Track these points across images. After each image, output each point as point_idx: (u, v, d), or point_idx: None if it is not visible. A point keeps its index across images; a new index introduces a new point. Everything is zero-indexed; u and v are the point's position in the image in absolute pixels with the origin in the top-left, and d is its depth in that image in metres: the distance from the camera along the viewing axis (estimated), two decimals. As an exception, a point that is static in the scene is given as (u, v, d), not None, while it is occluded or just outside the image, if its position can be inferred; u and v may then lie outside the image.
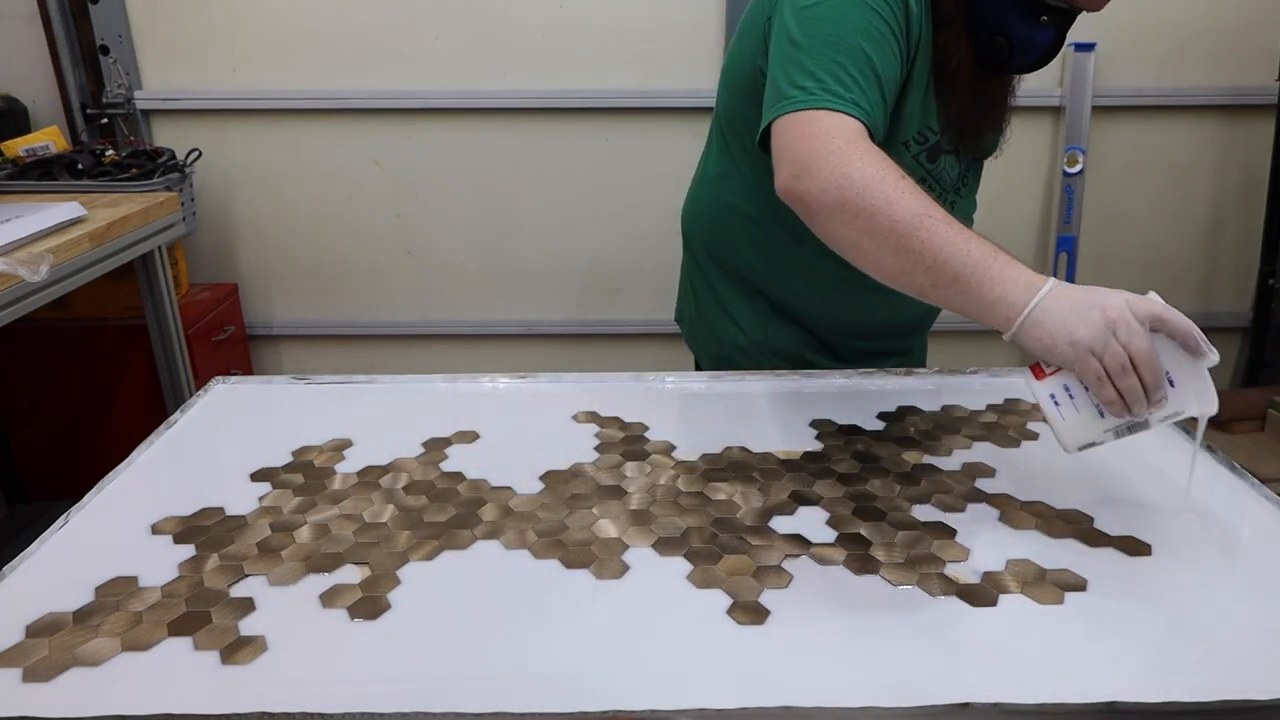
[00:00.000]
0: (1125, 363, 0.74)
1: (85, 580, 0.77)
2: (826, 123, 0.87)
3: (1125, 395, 0.75)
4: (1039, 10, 0.96)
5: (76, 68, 2.28)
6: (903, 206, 0.81)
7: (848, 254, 0.87)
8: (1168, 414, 0.78)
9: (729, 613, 0.73)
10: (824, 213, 0.86)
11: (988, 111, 1.07)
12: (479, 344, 2.55)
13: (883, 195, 0.81)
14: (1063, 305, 0.77)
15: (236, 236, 2.46)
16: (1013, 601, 0.74)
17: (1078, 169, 2.32)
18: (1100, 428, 0.80)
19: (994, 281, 0.79)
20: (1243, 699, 0.62)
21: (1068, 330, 0.76)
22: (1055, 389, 0.80)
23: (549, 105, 2.31)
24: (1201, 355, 0.76)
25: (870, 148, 0.85)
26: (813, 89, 0.88)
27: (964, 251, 0.80)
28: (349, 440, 1.02)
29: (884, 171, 0.83)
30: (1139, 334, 0.74)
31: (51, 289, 1.58)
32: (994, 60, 1.00)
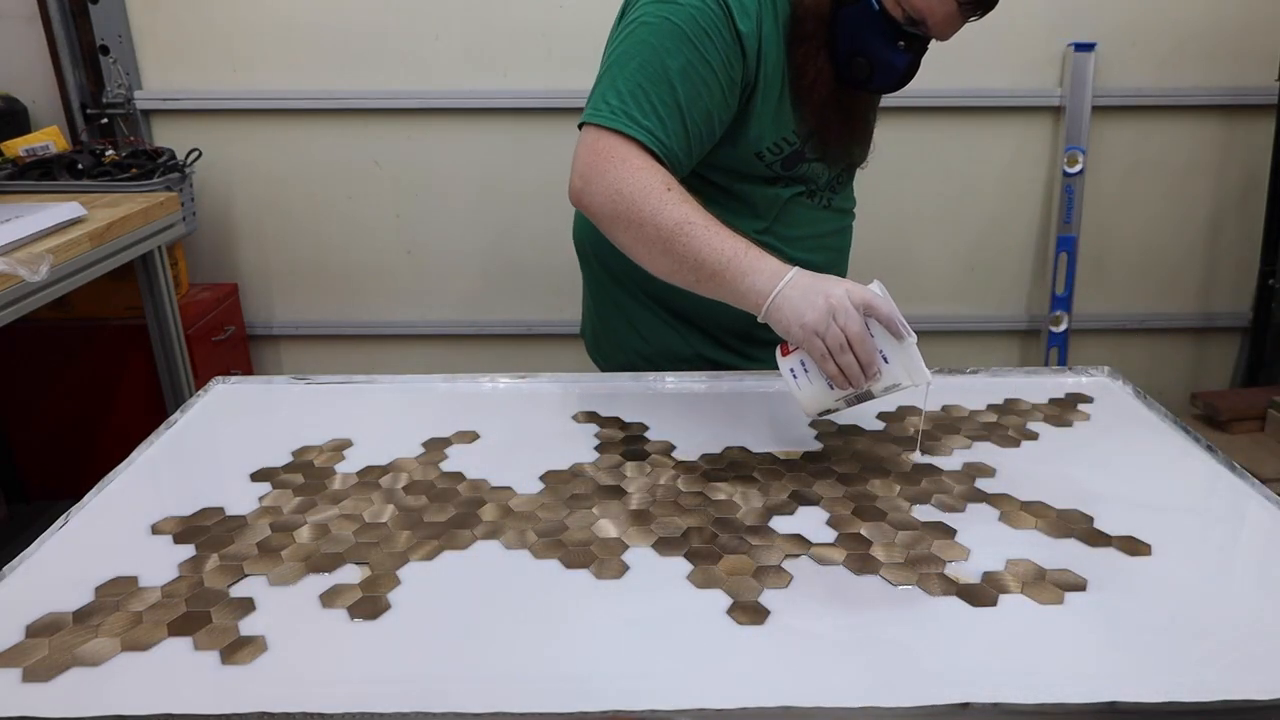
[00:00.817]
0: (843, 343, 0.86)
1: (85, 580, 0.77)
2: (613, 143, 0.97)
3: (845, 370, 0.87)
4: (897, 35, 1.02)
5: (76, 68, 2.28)
6: (666, 216, 0.93)
7: (629, 255, 0.99)
8: (886, 385, 0.89)
9: (729, 613, 0.73)
10: (603, 222, 0.99)
11: (851, 125, 1.13)
12: (479, 344, 2.55)
13: (649, 207, 0.94)
14: (796, 292, 0.88)
15: (236, 236, 2.46)
16: (1013, 601, 0.74)
17: (1078, 169, 2.32)
18: (832, 396, 0.91)
19: (744, 274, 0.91)
20: (1243, 699, 0.62)
21: (798, 314, 0.87)
22: (794, 364, 0.92)
23: (549, 105, 2.31)
24: (902, 337, 0.87)
25: (644, 166, 0.96)
26: (615, 108, 0.98)
27: (718, 250, 0.92)
28: (349, 440, 1.02)
29: (651, 186, 0.94)
30: (855, 319, 0.86)
31: (51, 289, 1.58)
32: (854, 79, 1.06)
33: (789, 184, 1.14)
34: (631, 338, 1.27)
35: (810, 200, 1.17)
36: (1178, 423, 1.05)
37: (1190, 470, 0.96)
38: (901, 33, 1.01)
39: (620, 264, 1.22)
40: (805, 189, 1.16)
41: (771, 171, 1.12)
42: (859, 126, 1.16)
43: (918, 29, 1.01)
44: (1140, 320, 2.51)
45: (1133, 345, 2.55)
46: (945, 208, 2.39)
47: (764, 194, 1.14)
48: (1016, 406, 1.11)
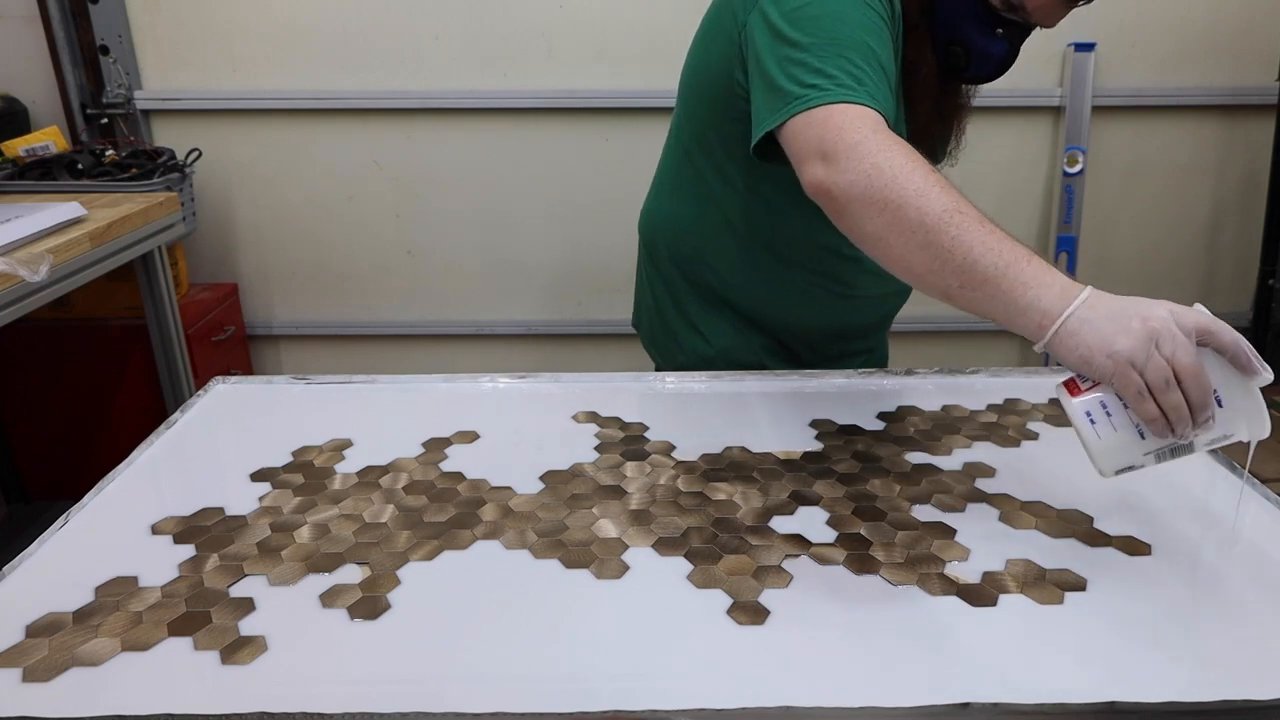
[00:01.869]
0: (1169, 377, 0.68)
1: (85, 580, 0.77)
2: (851, 114, 0.83)
3: (1168, 413, 0.69)
4: (994, 23, 0.97)
5: (76, 68, 2.28)
6: (933, 200, 0.77)
7: (875, 250, 0.83)
8: (1215, 436, 0.72)
9: (729, 613, 0.73)
10: (852, 205, 0.81)
11: (950, 120, 1.09)
12: (479, 344, 2.55)
13: (913, 187, 0.77)
14: (1100, 314, 0.71)
15: (236, 236, 2.46)
16: (1013, 601, 0.74)
17: (1078, 169, 2.32)
18: (1140, 450, 0.73)
19: (1027, 285, 0.74)
20: (1243, 699, 0.62)
21: (1106, 341, 0.70)
22: (1092, 406, 0.73)
23: (549, 105, 2.31)
24: (1253, 373, 0.69)
25: (898, 139, 0.82)
26: (826, 85, 0.85)
27: (995, 252, 0.75)
28: (349, 440, 1.02)
29: (914, 163, 0.79)
30: (1184, 346, 0.68)
31: (51, 289, 1.58)
32: (952, 69, 1.02)
33: None
34: (693, 338, 1.22)
35: None
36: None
37: (1190, 470, 0.96)
38: (999, 19, 0.97)
39: (695, 264, 1.18)
40: None
41: None
42: (954, 123, 1.10)
43: (1016, 15, 0.96)
44: (1140, 320, 2.51)
45: (1133, 345, 2.55)
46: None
47: None
48: (1016, 406, 1.10)
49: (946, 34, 0.99)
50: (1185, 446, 0.73)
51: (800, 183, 0.86)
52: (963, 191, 0.80)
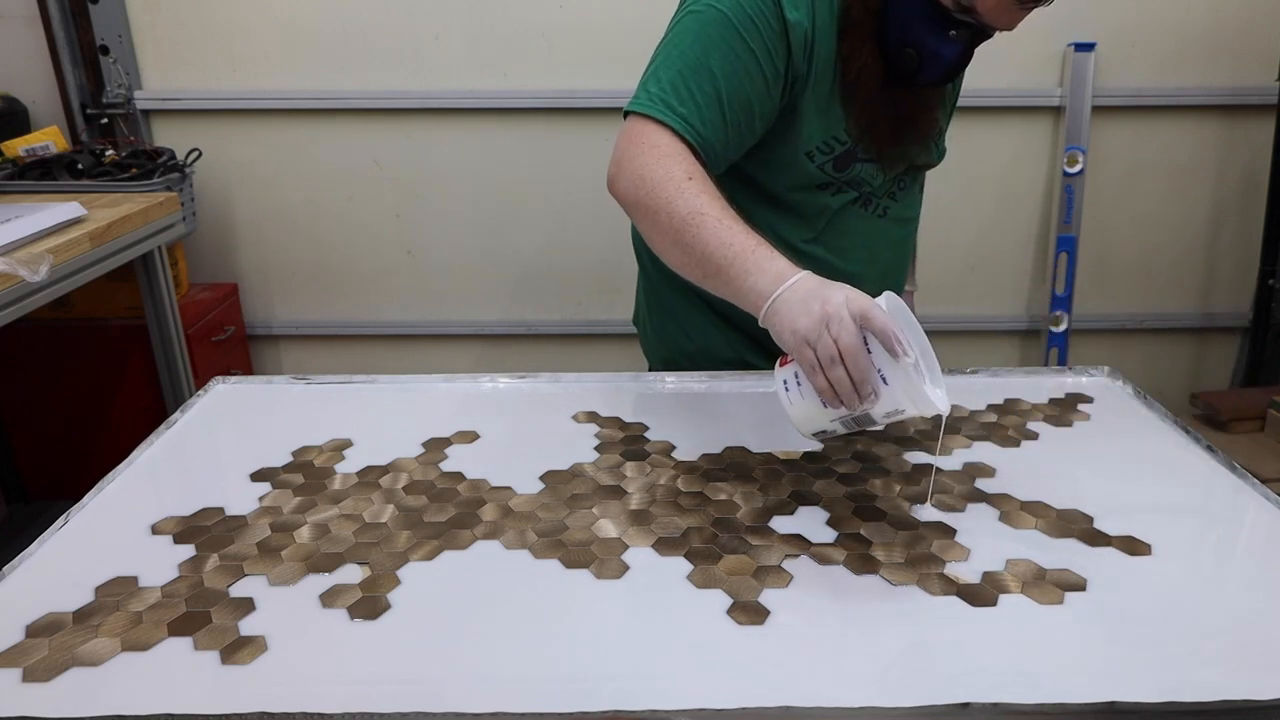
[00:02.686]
0: (834, 355, 0.77)
1: (85, 580, 0.77)
2: (646, 130, 0.95)
3: (834, 385, 0.78)
4: (947, 24, 0.97)
5: (76, 68, 2.28)
6: (680, 205, 0.89)
7: (652, 248, 0.96)
8: (888, 410, 0.79)
9: (729, 613, 0.73)
10: (627, 209, 0.96)
11: (907, 122, 1.07)
12: (479, 344, 2.55)
13: (664, 196, 0.90)
14: (796, 297, 0.81)
15: (236, 236, 2.46)
16: (1013, 601, 0.74)
17: (1078, 169, 2.32)
18: (827, 417, 0.82)
19: (748, 272, 0.85)
20: (1243, 699, 0.62)
21: (792, 320, 0.80)
22: (787, 376, 0.84)
23: (549, 105, 2.31)
24: (897, 356, 0.76)
25: (672, 153, 0.93)
26: (653, 96, 0.96)
27: (727, 245, 0.86)
28: (349, 440, 1.02)
29: (671, 174, 0.91)
30: (849, 329, 0.77)
31: (51, 289, 1.58)
32: (903, 71, 1.01)
33: (841, 189, 1.10)
34: (677, 335, 1.25)
35: (864, 209, 1.13)
36: (1178, 423, 1.05)
37: (1190, 470, 0.96)
38: (952, 21, 0.96)
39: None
40: (858, 194, 1.11)
41: (823, 174, 1.07)
42: (912, 125, 1.09)
43: (969, 17, 0.96)
44: (1140, 320, 2.51)
45: (1133, 345, 2.55)
46: (945, 207, 2.39)
47: (814, 201, 1.10)
48: (1016, 406, 1.11)
49: (899, 35, 0.99)
50: (865, 418, 0.81)
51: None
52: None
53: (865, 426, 0.82)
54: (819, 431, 0.85)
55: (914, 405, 0.78)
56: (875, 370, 0.78)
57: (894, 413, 0.79)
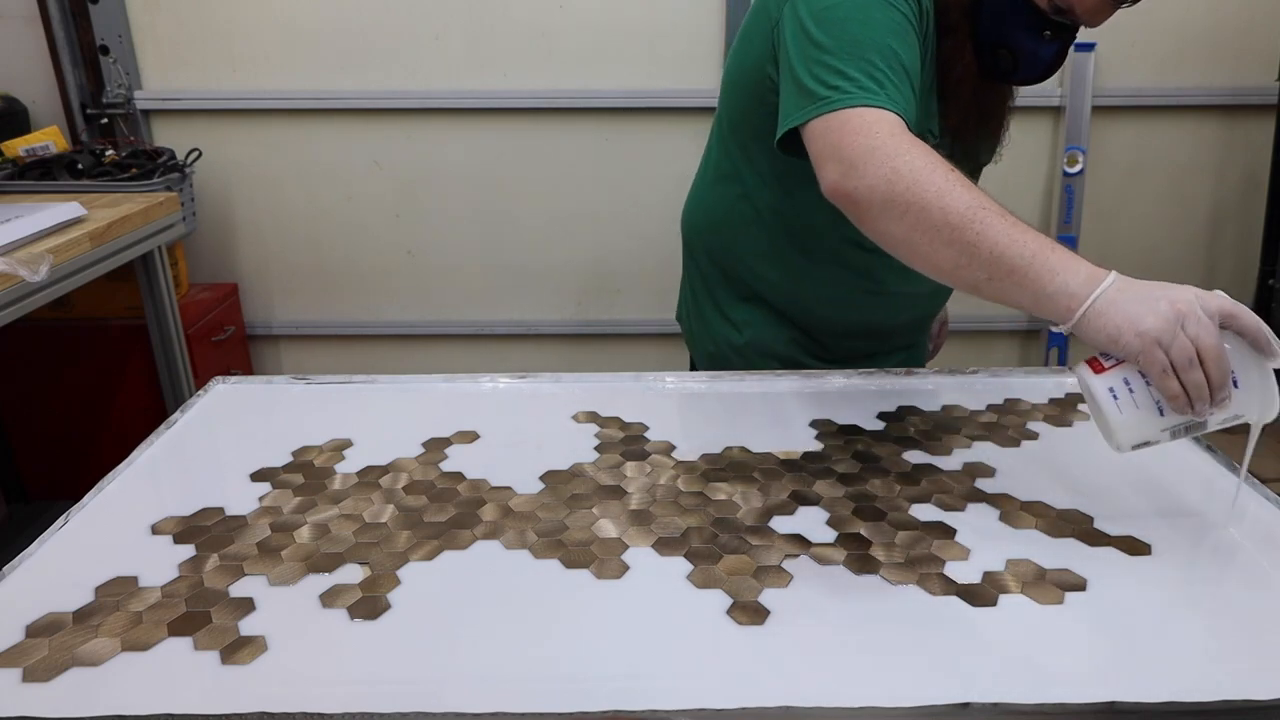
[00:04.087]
0: (1193, 356, 0.72)
1: (85, 580, 0.77)
2: (868, 118, 0.85)
3: (1190, 390, 0.72)
4: (1042, 24, 0.97)
5: (76, 68, 2.28)
6: (955, 199, 0.80)
7: (900, 251, 0.85)
8: (1227, 416, 0.76)
9: (729, 613, 0.73)
10: (874, 209, 0.84)
11: (986, 120, 1.09)
12: (479, 344, 2.55)
13: (934, 188, 0.80)
14: (1128, 296, 0.76)
15: (236, 236, 2.46)
16: (1013, 601, 0.74)
17: (1078, 169, 2.32)
18: (1158, 426, 0.76)
19: (1054, 272, 0.77)
20: (1243, 699, 0.62)
21: (1134, 320, 0.74)
22: (1115, 383, 0.77)
23: (549, 105, 2.31)
24: (1272, 355, 0.73)
25: (916, 141, 0.84)
26: (847, 88, 0.87)
27: (1020, 243, 0.78)
28: (349, 440, 1.02)
29: (933, 164, 0.82)
30: (1208, 328, 0.72)
31: (51, 289, 1.58)
32: (998, 72, 1.02)
33: None
34: (727, 330, 1.24)
35: None
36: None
37: (1190, 470, 0.96)
38: (1047, 22, 0.96)
39: (729, 256, 1.21)
40: None
41: None
42: (993, 124, 1.10)
43: (1064, 17, 0.96)
44: (1140, 320, 2.51)
45: (1133, 345, 2.55)
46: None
47: None
48: (1016, 406, 1.10)
49: (992, 36, 0.99)
50: (1199, 425, 0.76)
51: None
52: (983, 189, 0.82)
53: (1193, 433, 0.78)
54: (1142, 443, 0.78)
55: (1260, 410, 0.75)
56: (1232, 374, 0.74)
57: (1233, 418, 0.76)
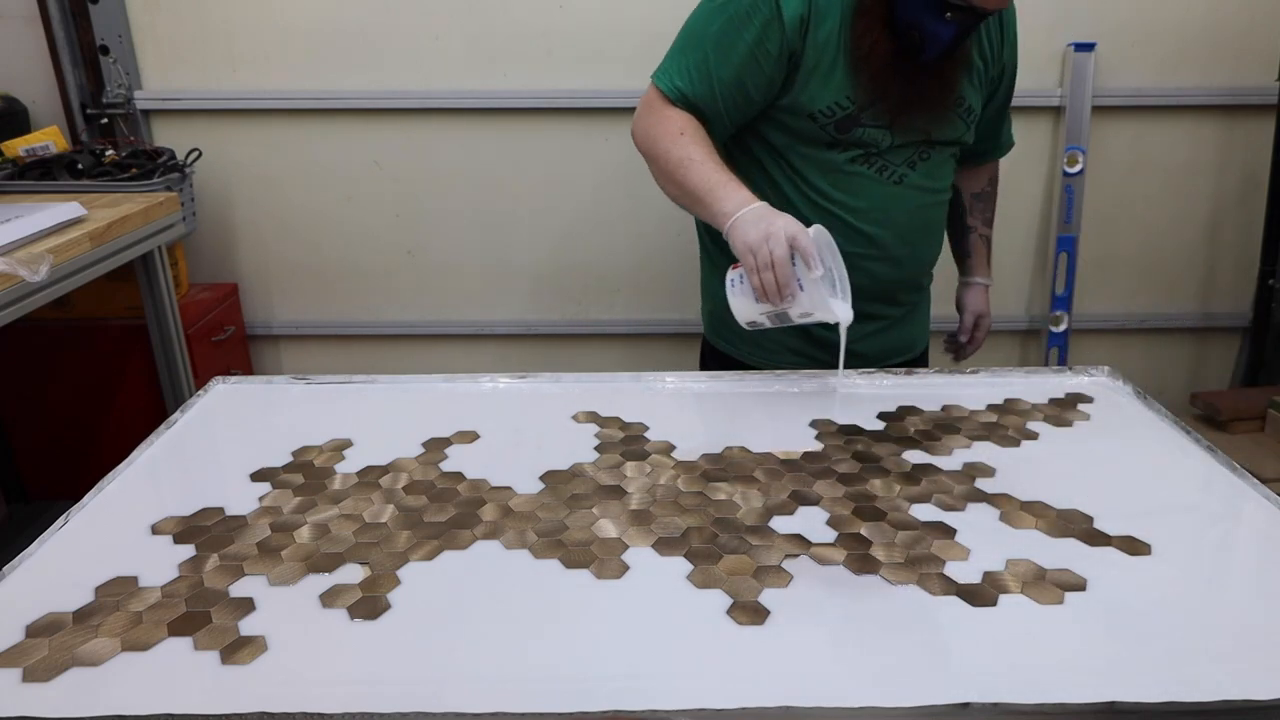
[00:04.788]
0: (768, 262, 1.01)
1: (85, 580, 0.77)
2: (653, 95, 1.23)
3: (764, 286, 1.02)
4: (944, 7, 1.09)
5: (76, 68, 2.27)
6: (674, 153, 1.17)
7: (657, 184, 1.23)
8: (801, 311, 1.04)
9: (729, 613, 0.73)
10: (643, 155, 1.24)
11: (913, 96, 1.19)
12: (479, 344, 2.55)
13: (663, 146, 1.18)
14: (750, 219, 1.05)
15: (236, 236, 2.45)
16: (1013, 601, 0.74)
17: (1078, 169, 2.32)
18: (757, 309, 1.06)
19: (719, 199, 1.10)
20: (1243, 699, 0.62)
21: (744, 235, 1.05)
22: (734, 275, 1.09)
23: (549, 105, 2.31)
24: (809, 268, 1.00)
25: (671, 115, 1.20)
26: (664, 69, 1.23)
27: (705, 179, 1.13)
28: (349, 440, 1.02)
29: (668, 130, 1.19)
30: (781, 245, 1.01)
31: (51, 289, 1.58)
32: (910, 49, 1.14)
33: (846, 147, 1.21)
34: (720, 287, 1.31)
35: (871, 169, 1.22)
36: (1178, 423, 1.05)
37: (1190, 470, 0.96)
38: (948, 5, 1.08)
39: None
40: (863, 152, 1.22)
41: (826, 134, 1.20)
42: (925, 99, 1.20)
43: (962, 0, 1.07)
44: (1140, 320, 2.51)
45: (1133, 345, 2.55)
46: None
47: (822, 158, 1.23)
48: (1016, 406, 1.11)
49: (904, 16, 1.13)
50: (784, 315, 1.06)
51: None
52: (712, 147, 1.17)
53: (784, 323, 1.07)
54: (751, 321, 1.09)
55: (820, 310, 1.03)
56: (795, 280, 1.01)
57: (806, 314, 1.04)
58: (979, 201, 1.51)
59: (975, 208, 1.51)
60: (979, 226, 1.52)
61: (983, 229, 1.54)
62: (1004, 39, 1.29)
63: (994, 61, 1.28)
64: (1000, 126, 1.43)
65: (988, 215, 1.53)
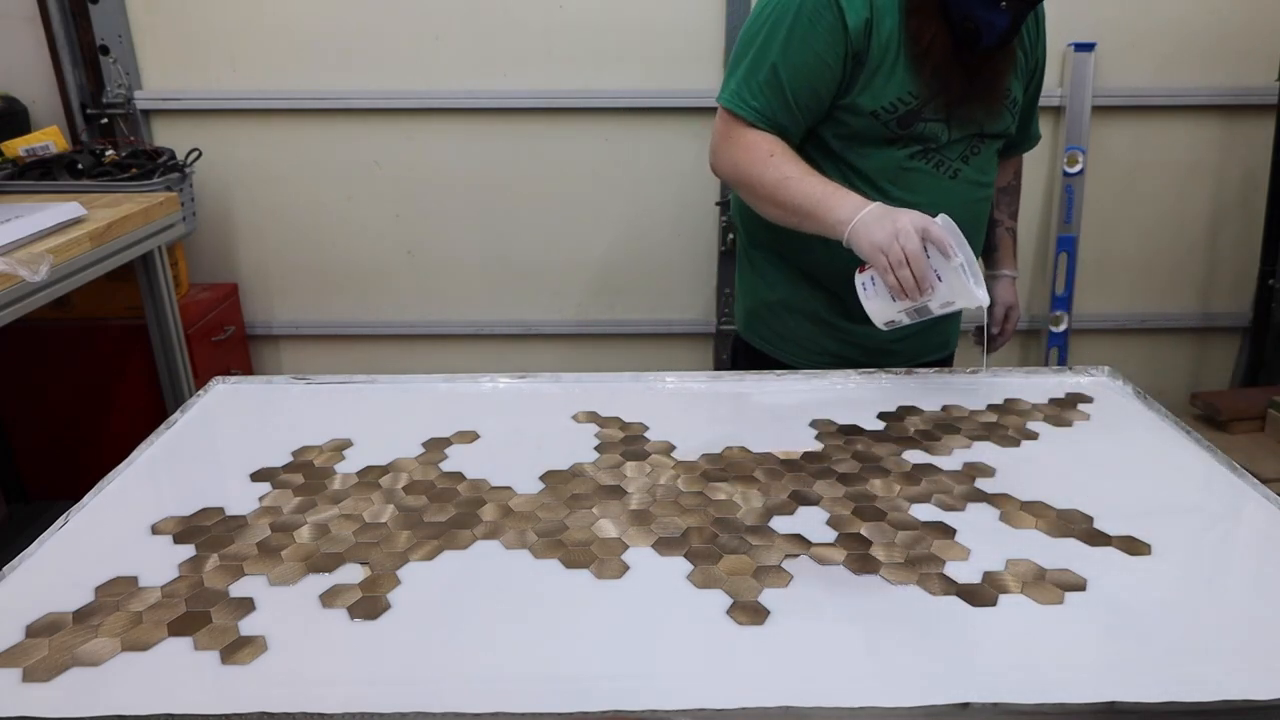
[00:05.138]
0: (902, 259, 1.02)
1: (85, 580, 0.77)
2: (730, 120, 1.22)
3: (902, 282, 1.03)
4: None
5: (76, 68, 2.27)
6: (770, 175, 1.17)
7: (756, 209, 1.24)
8: (941, 302, 1.04)
9: (729, 613, 0.73)
10: (728, 183, 1.25)
11: (976, 85, 1.21)
12: (479, 344, 2.55)
13: (757, 171, 1.19)
14: (871, 219, 1.06)
15: (236, 236, 2.46)
16: (1013, 601, 0.74)
17: (1078, 169, 2.32)
18: (895, 308, 1.07)
19: (831, 208, 1.11)
20: (1243, 699, 0.62)
21: (870, 235, 1.05)
22: (865, 279, 1.09)
23: (549, 105, 2.31)
24: (948, 257, 1.01)
25: (755, 139, 1.20)
26: (732, 89, 1.21)
27: (810, 193, 1.14)
28: (349, 440, 1.02)
29: (758, 155, 1.19)
30: (913, 240, 1.02)
31: (51, 289, 1.58)
32: (968, 41, 1.16)
33: (906, 143, 1.22)
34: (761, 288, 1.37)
35: (929, 164, 1.23)
36: (1178, 423, 1.05)
37: (1190, 470, 0.96)
38: None
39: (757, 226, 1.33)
40: (922, 148, 1.22)
41: (889, 130, 1.20)
42: (983, 89, 1.21)
43: None
44: (1140, 320, 2.51)
45: (1133, 345, 2.55)
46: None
47: (882, 156, 1.23)
48: (1016, 406, 1.11)
49: (958, 8, 1.14)
50: (925, 309, 1.05)
51: None
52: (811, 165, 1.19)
53: (925, 317, 1.07)
54: (889, 321, 1.09)
55: (961, 298, 1.02)
56: (933, 272, 1.02)
57: (947, 304, 1.03)
58: (1005, 195, 1.52)
59: (1002, 201, 1.52)
60: (1005, 220, 1.53)
61: (1009, 222, 1.54)
62: (1039, 31, 1.30)
63: (1031, 53, 1.30)
64: (1031, 120, 1.43)
65: (1013, 209, 1.54)
